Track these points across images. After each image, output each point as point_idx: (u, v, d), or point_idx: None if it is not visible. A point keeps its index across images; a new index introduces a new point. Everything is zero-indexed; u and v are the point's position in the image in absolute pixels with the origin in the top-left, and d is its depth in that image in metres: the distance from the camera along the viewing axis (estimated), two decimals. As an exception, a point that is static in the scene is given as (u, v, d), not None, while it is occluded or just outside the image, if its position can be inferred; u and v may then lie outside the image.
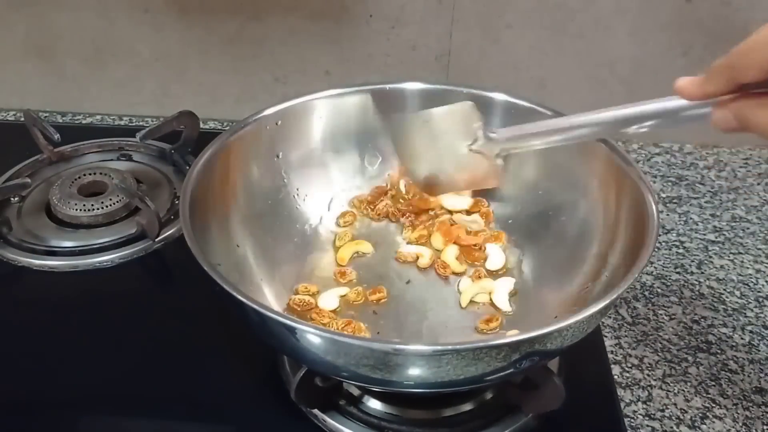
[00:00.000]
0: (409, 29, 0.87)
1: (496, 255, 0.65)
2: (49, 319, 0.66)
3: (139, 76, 0.93)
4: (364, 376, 0.47)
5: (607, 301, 0.47)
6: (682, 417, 0.58)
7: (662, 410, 0.59)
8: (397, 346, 0.45)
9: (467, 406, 0.56)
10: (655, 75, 0.85)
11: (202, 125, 0.83)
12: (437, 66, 0.89)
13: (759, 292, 0.70)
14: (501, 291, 0.62)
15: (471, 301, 0.62)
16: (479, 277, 0.64)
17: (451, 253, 0.66)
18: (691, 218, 0.80)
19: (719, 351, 0.64)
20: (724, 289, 0.71)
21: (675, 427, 0.58)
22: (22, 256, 0.71)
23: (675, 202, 0.82)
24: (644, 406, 0.59)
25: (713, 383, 0.61)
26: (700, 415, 0.59)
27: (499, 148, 0.57)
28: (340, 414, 0.55)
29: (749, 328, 0.67)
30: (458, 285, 0.64)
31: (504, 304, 0.61)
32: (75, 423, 0.57)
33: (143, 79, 0.94)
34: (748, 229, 0.78)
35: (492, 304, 0.61)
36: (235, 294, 0.46)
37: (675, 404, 0.59)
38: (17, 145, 0.84)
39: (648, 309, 0.68)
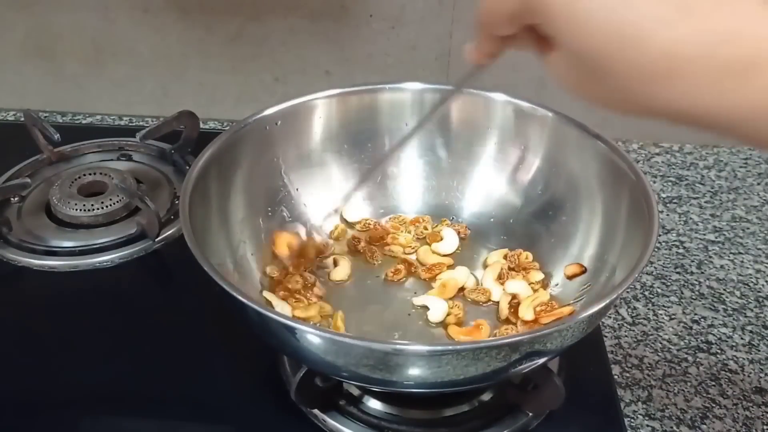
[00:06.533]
0: (409, 29, 0.87)
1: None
2: (49, 319, 0.66)
3: (139, 76, 0.93)
4: (364, 376, 0.47)
5: (607, 301, 0.47)
6: (682, 417, 0.58)
7: (662, 410, 0.59)
8: (397, 346, 0.45)
9: (467, 406, 0.56)
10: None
11: (202, 125, 0.83)
12: (437, 66, 0.89)
13: (759, 292, 0.70)
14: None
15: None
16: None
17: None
18: (691, 218, 0.80)
19: (719, 351, 0.64)
20: (724, 289, 0.71)
21: (675, 427, 0.58)
22: (22, 256, 0.71)
23: (675, 202, 0.82)
24: (644, 406, 0.59)
25: (713, 383, 0.61)
26: (700, 415, 0.59)
27: None
28: (340, 414, 0.55)
29: (749, 328, 0.67)
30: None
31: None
32: (75, 423, 0.57)
33: (143, 79, 0.94)
34: (748, 229, 0.78)
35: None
36: (235, 294, 0.46)
37: (675, 404, 0.59)
38: (17, 145, 0.83)
39: (648, 309, 0.68)
